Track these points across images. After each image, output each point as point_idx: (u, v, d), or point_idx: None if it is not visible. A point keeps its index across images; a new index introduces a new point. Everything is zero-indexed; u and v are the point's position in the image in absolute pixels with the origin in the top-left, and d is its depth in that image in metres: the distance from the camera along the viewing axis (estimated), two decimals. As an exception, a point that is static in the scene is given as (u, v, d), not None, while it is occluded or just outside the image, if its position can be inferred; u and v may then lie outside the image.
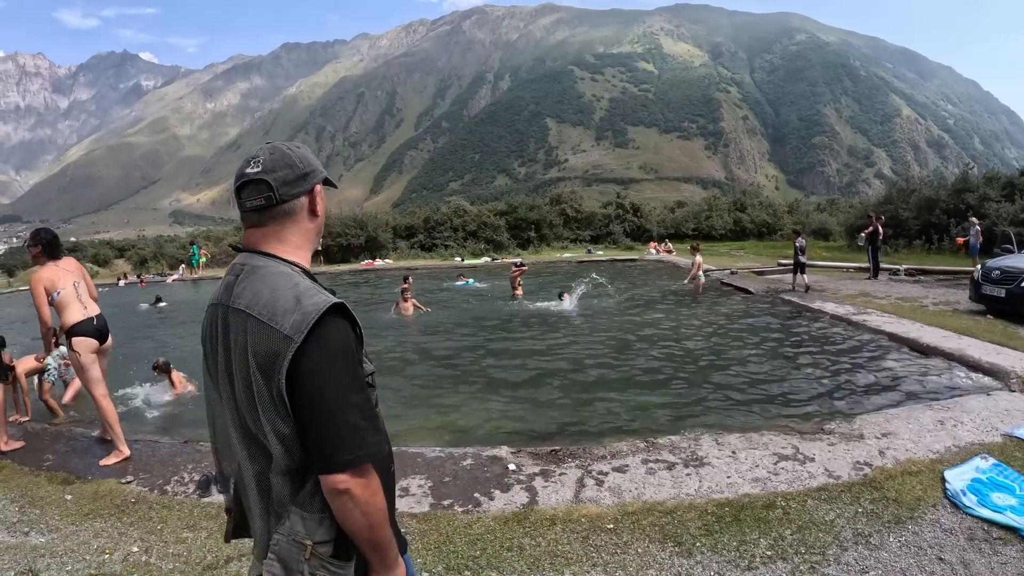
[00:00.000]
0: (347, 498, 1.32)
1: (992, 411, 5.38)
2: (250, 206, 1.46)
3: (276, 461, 1.36)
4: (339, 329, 1.35)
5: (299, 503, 1.37)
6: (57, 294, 5.12)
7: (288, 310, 1.33)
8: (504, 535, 3.55)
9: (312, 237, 1.55)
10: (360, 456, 1.31)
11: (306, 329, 1.30)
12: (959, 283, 14.29)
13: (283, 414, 1.33)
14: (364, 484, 1.33)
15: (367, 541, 1.38)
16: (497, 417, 6.64)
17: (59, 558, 3.59)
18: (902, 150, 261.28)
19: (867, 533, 3.43)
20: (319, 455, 1.31)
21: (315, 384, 1.30)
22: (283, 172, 1.45)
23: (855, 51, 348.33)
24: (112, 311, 17.42)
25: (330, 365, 1.31)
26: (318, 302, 1.34)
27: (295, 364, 1.30)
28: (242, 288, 1.42)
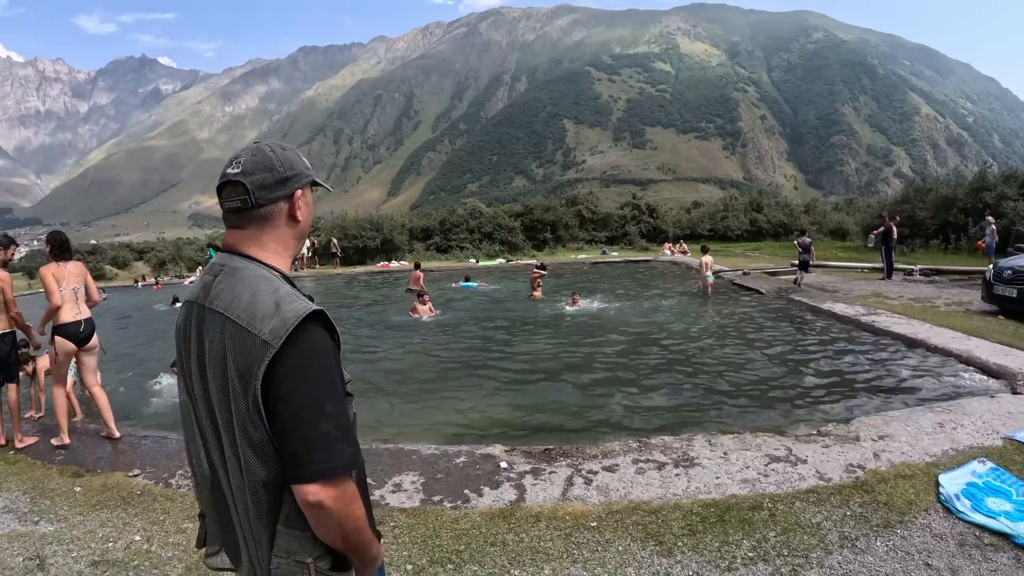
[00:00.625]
0: (319, 510, 1.29)
1: (994, 413, 5.29)
2: (227, 207, 1.46)
3: (251, 470, 1.33)
4: (317, 336, 1.33)
5: (290, 523, 1.35)
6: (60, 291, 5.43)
7: (267, 315, 1.31)
8: (489, 531, 3.62)
9: (291, 242, 1.53)
10: (331, 467, 1.28)
11: (284, 335, 1.28)
12: (973, 283, 14.16)
13: (256, 421, 1.30)
14: (337, 495, 1.30)
15: (346, 549, 1.37)
16: (497, 416, 6.74)
17: (65, 545, 3.75)
18: (921, 149, 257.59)
19: (854, 537, 3.41)
20: (292, 464, 1.29)
21: (290, 391, 1.28)
22: (261, 175, 1.44)
23: (873, 49, 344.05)
24: (132, 312, 17.86)
25: (306, 373, 1.29)
26: (297, 308, 1.32)
27: (271, 370, 1.28)
28: (220, 289, 1.41)
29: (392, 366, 9.36)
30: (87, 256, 37.64)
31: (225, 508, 1.48)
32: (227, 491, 1.44)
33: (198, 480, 1.56)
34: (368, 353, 10.35)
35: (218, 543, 1.57)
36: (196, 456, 1.53)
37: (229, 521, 1.48)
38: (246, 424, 1.32)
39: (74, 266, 5.64)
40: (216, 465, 1.46)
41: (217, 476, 1.47)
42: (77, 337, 5.57)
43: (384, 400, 7.52)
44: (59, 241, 5.64)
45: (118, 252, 43.34)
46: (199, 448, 1.51)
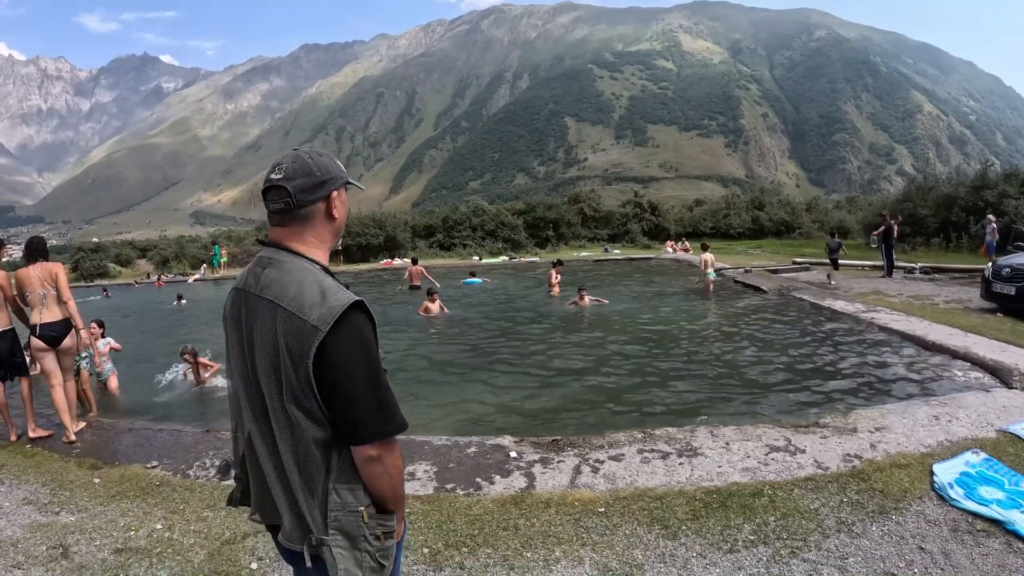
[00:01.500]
0: (377, 464, 1.57)
1: (989, 407, 5.39)
2: (272, 208, 1.67)
3: (303, 432, 1.55)
4: (360, 322, 1.55)
5: (341, 479, 1.58)
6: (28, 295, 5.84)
7: (315, 304, 1.52)
8: (501, 516, 3.74)
9: (329, 238, 1.74)
10: (390, 428, 1.56)
11: (332, 320, 1.49)
12: (974, 281, 14.24)
13: (308, 392, 1.52)
14: (391, 451, 1.59)
15: (393, 498, 1.63)
16: (505, 409, 6.88)
17: (88, 534, 3.85)
18: (924, 147, 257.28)
19: (850, 522, 3.50)
20: (353, 429, 1.53)
21: (345, 369, 1.51)
22: (301, 180, 1.63)
23: (875, 47, 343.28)
24: (135, 309, 17.98)
25: (356, 352, 1.52)
26: (342, 298, 1.53)
27: (321, 351, 1.49)
28: (269, 280, 1.61)
29: (404, 362, 9.50)
30: (89, 254, 37.72)
31: (263, 481, 1.69)
32: (271, 460, 1.65)
33: (243, 455, 1.77)
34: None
35: (257, 511, 1.77)
36: (243, 429, 1.74)
37: (267, 493, 1.69)
38: (297, 394, 1.53)
39: (41, 269, 5.84)
40: (262, 436, 1.66)
41: (262, 449, 1.67)
42: (42, 339, 5.81)
43: (401, 389, 7.65)
44: (27, 246, 5.99)
45: (121, 250, 43.48)
46: (247, 422, 1.70)
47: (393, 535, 1.65)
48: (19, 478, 4.83)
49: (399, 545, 1.75)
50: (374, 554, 1.59)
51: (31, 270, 5.80)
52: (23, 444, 5.73)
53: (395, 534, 1.67)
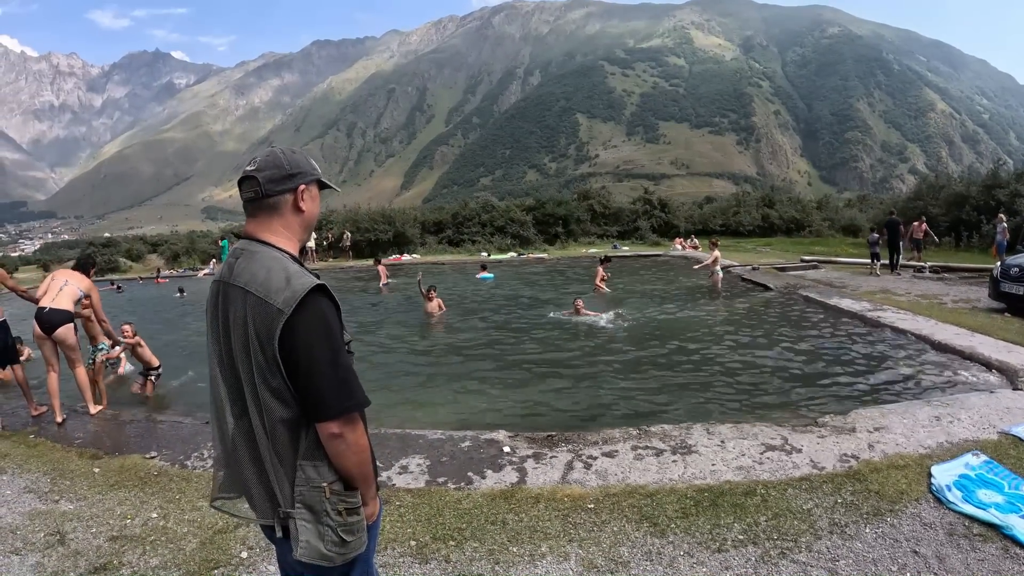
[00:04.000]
0: (340, 441, 1.64)
1: (992, 408, 5.34)
2: (244, 198, 1.79)
3: (270, 411, 1.64)
4: (322, 304, 1.65)
5: (307, 456, 1.67)
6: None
7: (280, 289, 1.62)
8: (490, 511, 3.76)
9: (297, 229, 1.83)
10: (351, 405, 1.64)
11: (295, 303, 1.60)
12: (983, 281, 14.11)
13: (275, 371, 1.62)
14: (353, 428, 1.66)
15: (358, 476, 1.71)
16: (502, 405, 6.91)
17: (85, 522, 3.92)
18: (936, 145, 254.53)
19: (843, 523, 3.48)
20: (316, 406, 1.62)
21: (308, 348, 1.60)
22: (270, 172, 1.76)
23: (888, 44, 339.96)
24: (145, 303, 18.13)
25: (317, 333, 1.62)
26: (305, 282, 1.63)
27: (286, 332, 1.59)
28: (241, 268, 1.72)
29: (402, 358, 9.53)
30: (101, 249, 38.09)
31: (238, 459, 1.78)
32: (245, 438, 1.75)
33: (219, 435, 1.85)
34: (378, 346, 10.52)
35: (232, 491, 1.87)
36: (220, 412, 1.82)
37: (241, 470, 1.78)
38: (265, 374, 1.64)
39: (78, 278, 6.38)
40: (237, 417, 1.76)
41: (236, 429, 1.77)
42: (38, 320, 6.09)
43: (395, 390, 7.69)
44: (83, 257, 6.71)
45: (132, 245, 43.80)
46: (223, 404, 1.79)
47: (357, 512, 1.72)
48: (21, 467, 4.92)
49: (373, 526, 1.82)
50: (336, 528, 1.67)
51: (69, 270, 6.31)
52: (28, 434, 5.82)
53: (365, 513, 1.76)
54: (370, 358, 9.28)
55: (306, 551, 1.67)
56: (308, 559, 1.68)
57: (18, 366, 6.52)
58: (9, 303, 8.44)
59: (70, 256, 41.59)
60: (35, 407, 6.46)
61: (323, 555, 1.68)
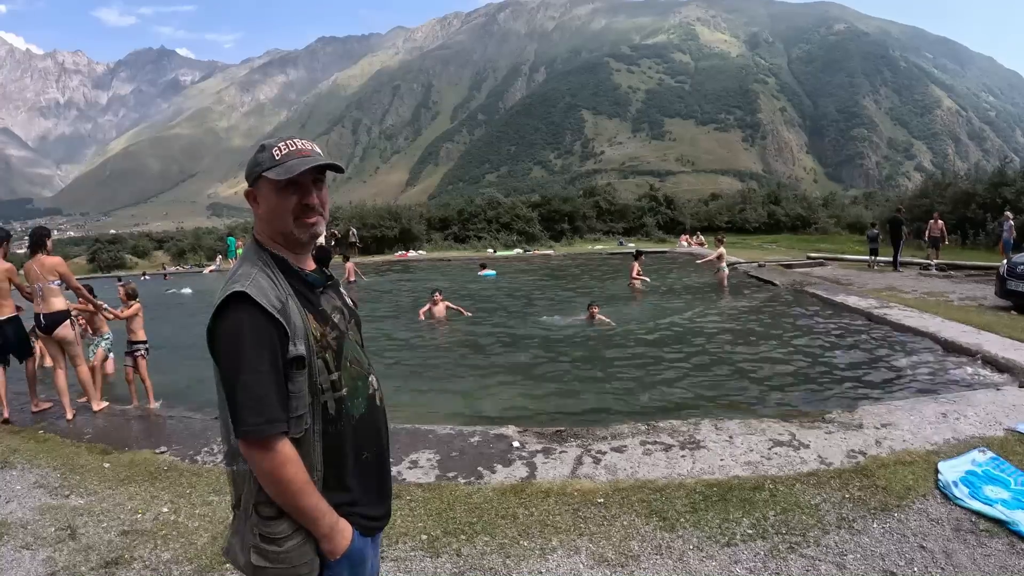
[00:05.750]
0: (251, 462, 1.46)
1: (999, 406, 5.31)
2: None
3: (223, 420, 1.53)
4: (236, 314, 1.45)
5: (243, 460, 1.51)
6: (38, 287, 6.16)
7: (219, 290, 1.51)
8: (501, 505, 3.78)
9: (262, 226, 1.64)
10: (242, 430, 1.42)
11: (214, 310, 1.47)
12: (990, 278, 14.07)
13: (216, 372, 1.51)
14: (262, 455, 1.43)
15: (288, 509, 1.48)
16: (511, 400, 6.94)
17: (95, 517, 3.94)
18: (942, 143, 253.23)
19: (851, 518, 3.48)
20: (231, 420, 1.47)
21: (218, 359, 1.48)
22: (247, 170, 1.64)
23: (894, 41, 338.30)
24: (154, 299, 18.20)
25: (227, 344, 1.46)
26: (227, 288, 1.48)
27: (208, 338, 1.49)
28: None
29: (411, 353, 9.57)
30: (107, 245, 38.20)
31: None
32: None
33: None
34: (390, 342, 10.55)
35: None
36: None
37: None
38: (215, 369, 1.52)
39: (39, 265, 6.14)
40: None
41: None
42: (38, 327, 6.19)
43: (404, 386, 7.72)
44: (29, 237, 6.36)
45: (138, 241, 44.00)
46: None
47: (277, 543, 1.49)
48: (31, 462, 4.95)
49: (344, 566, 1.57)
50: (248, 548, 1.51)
51: (32, 264, 6.12)
52: (37, 429, 5.86)
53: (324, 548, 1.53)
54: (381, 354, 9.31)
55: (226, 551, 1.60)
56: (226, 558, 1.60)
57: (31, 360, 6.56)
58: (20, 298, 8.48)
59: (76, 253, 41.75)
60: (37, 402, 6.52)
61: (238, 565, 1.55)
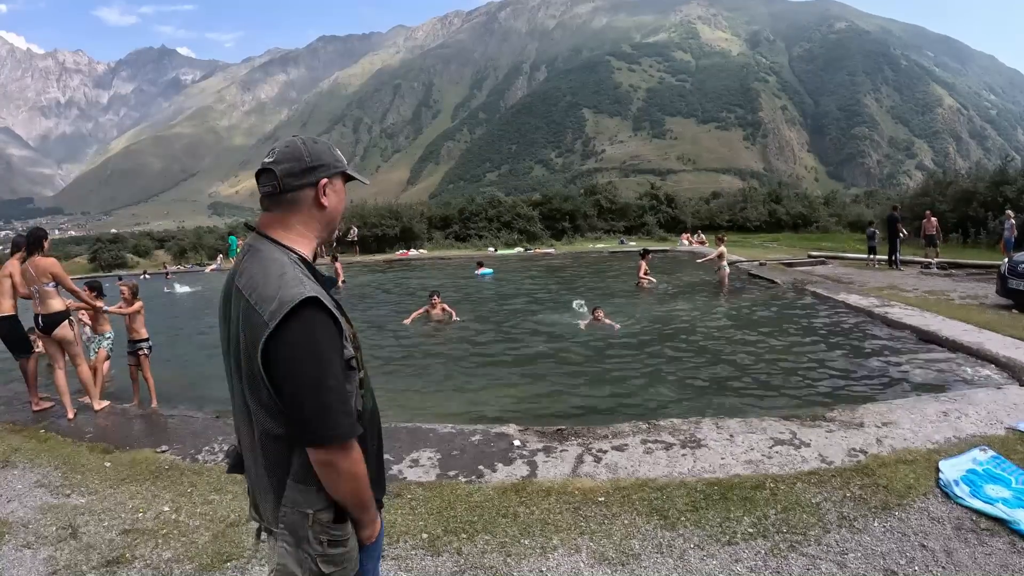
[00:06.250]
0: (330, 469, 1.50)
1: (1000, 404, 5.32)
2: (262, 192, 1.64)
3: (259, 423, 1.54)
4: (310, 319, 1.46)
5: (296, 476, 1.54)
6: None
7: (270, 298, 1.47)
8: (501, 503, 3.79)
9: (316, 227, 1.68)
10: (331, 436, 1.46)
11: (279, 317, 1.43)
12: (991, 277, 14.05)
13: (261, 384, 1.49)
14: (345, 456, 1.50)
15: (352, 504, 1.57)
16: (512, 399, 6.94)
17: (97, 516, 3.95)
18: (944, 141, 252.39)
19: (852, 517, 3.48)
20: (302, 430, 1.48)
21: (289, 368, 1.45)
22: (289, 164, 1.60)
23: (895, 39, 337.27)
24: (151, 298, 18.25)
25: (301, 351, 1.45)
26: (295, 293, 1.46)
27: (269, 346, 1.44)
28: (244, 268, 1.59)
29: (412, 352, 9.57)
30: (108, 244, 38.22)
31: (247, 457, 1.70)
32: (247, 444, 1.66)
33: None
34: (387, 341, 10.55)
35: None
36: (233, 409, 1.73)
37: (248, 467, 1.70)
38: (256, 384, 1.51)
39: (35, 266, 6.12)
40: (239, 419, 1.67)
41: (241, 435, 1.69)
42: (38, 326, 6.20)
43: (403, 384, 7.73)
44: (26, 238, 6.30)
45: (139, 241, 43.93)
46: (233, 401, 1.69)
47: (342, 544, 1.58)
48: (32, 461, 4.95)
49: (373, 546, 1.71)
50: (315, 559, 1.54)
51: (27, 266, 6.12)
52: (38, 429, 5.85)
53: (363, 536, 1.65)
54: (379, 353, 9.32)
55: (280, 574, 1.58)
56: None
57: (32, 357, 6.57)
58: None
59: (77, 252, 41.74)
60: (36, 401, 6.56)
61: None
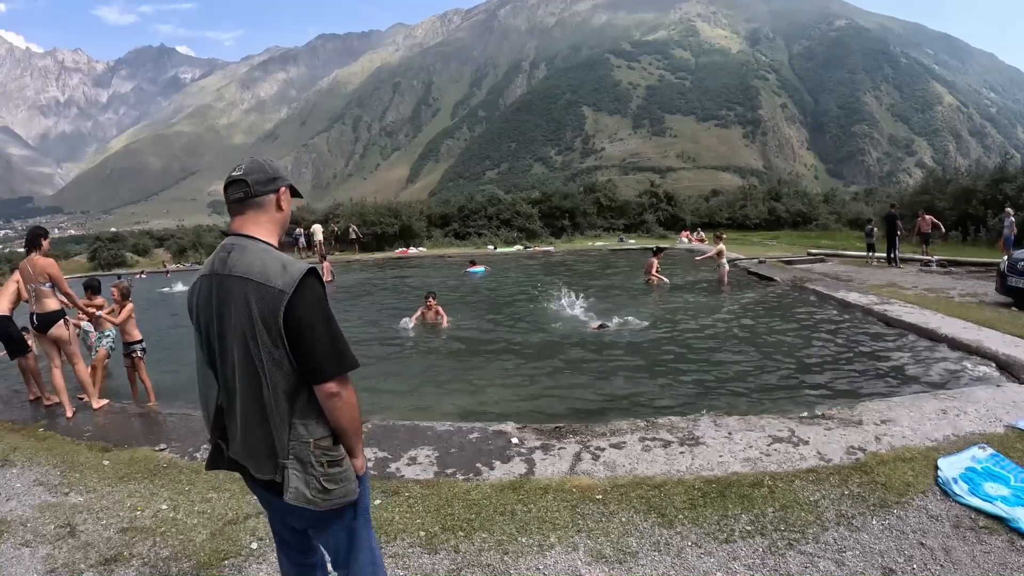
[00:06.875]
0: (337, 399, 1.91)
1: (999, 402, 5.30)
2: (232, 199, 2.04)
3: (274, 381, 1.88)
4: (315, 283, 1.92)
5: (299, 415, 1.92)
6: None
7: (278, 273, 1.88)
8: (499, 501, 3.79)
9: (278, 228, 2.10)
10: (345, 367, 1.92)
11: (295, 284, 1.86)
12: (990, 275, 14.04)
13: (280, 345, 1.87)
14: (346, 387, 1.95)
15: (351, 429, 1.99)
16: (510, 397, 6.94)
17: (95, 514, 3.96)
18: (943, 139, 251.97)
19: (850, 515, 3.47)
20: (317, 370, 1.89)
21: (311, 322, 1.88)
22: (257, 175, 2.04)
23: (895, 37, 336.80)
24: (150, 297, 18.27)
25: (314, 307, 1.89)
26: (300, 266, 1.91)
27: (288, 309, 1.85)
28: (235, 261, 1.95)
29: (409, 350, 9.56)
30: (107, 243, 38.25)
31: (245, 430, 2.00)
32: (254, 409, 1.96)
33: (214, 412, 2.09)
34: (385, 339, 10.54)
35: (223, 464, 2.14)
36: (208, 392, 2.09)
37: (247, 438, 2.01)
38: (270, 348, 1.88)
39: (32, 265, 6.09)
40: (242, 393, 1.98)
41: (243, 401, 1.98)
42: (32, 325, 6.23)
43: (403, 381, 7.73)
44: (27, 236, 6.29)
45: (139, 239, 43.97)
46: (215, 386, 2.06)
47: (339, 463, 1.98)
48: (31, 460, 4.97)
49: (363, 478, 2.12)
50: (319, 478, 1.94)
51: (25, 264, 6.11)
52: (38, 428, 5.86)
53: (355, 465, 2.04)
54: (378, 351, 9.31)
55: (293, 495, 1.94)
56: (294, 502, 1.95)
57: (30, 355, 6.65)
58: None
59: (77, 251, 41.75)
60: (33, 392, 6.71)
61: (308, 499, 1.94)
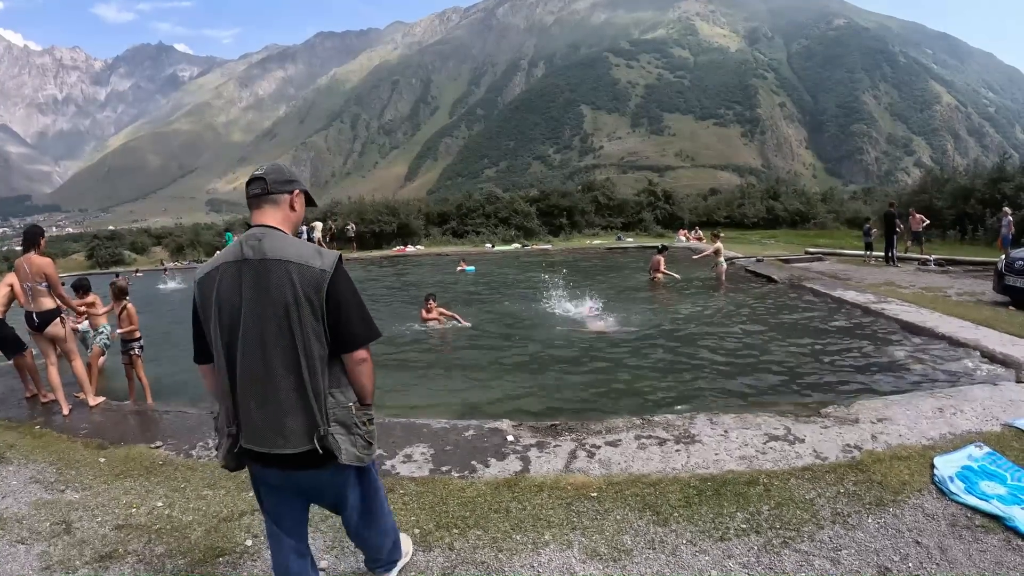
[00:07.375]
0: (365, 364, 2.30)
1: (996, 401, 5.30)
2: (252, 193, 2.31)
3: (310, 351, 2.15)
4: (343, 266, 2.26)
5: (333, 384, 2.23)
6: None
7: (315, 257, 2.20)
8: (494, 499, 3.78)
9: (289, 225, 2.35)
10: (373, 335, 2.31)
11: (333, 266, 2.20)
12: (988, 274, 14.06)
13: (320, 318, 2.16)
14: (370, 354, 2.32)
15: (372, 389, 2.36)
16: (506, 395, 6.93)
17: (91, 511, 3.96)
18: (942, 138, 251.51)
19: (846, 513, 3.46)
20: (351, 339, 2.23)
21: (347, 298, 2.22)
22: (275, 175, 2.33)
23: (894, 36, 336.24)
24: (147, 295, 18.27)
25: (349, 285, 2.25)
26: (333, 252, 2.28)
27: (331, 286, 2.17)
28: (269, 247, 2.18)
29: (406, 347, 9.55)
30: (105, 242, 38.22)
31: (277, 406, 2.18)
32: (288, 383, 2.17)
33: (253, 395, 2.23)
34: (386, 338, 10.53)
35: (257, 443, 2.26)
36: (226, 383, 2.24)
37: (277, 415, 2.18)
38: (311, 322, 2.16)
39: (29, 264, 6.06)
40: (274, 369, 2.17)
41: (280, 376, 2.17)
42: (29, 325, 6.21)
43: (399, 378, 7.73)
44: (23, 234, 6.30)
45: (137, 237, 43.94)
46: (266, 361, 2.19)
47: (373, 421, 2.35)
48: (27, 457, 4.96)
49: None
50: (364, 436, 2.30)
51: (22, 262, 6.07)
52: (33, 426, 5.86)
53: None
54: (374, 349, 9.28)
55: (347, 455, 2.23)
56: (349, 461, 2.24)
57: (28, 352, 6.65)
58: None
59: (75, 249, 41.70)
60: (30, 389, 6.71)
61: (358, 457, 2.27)
